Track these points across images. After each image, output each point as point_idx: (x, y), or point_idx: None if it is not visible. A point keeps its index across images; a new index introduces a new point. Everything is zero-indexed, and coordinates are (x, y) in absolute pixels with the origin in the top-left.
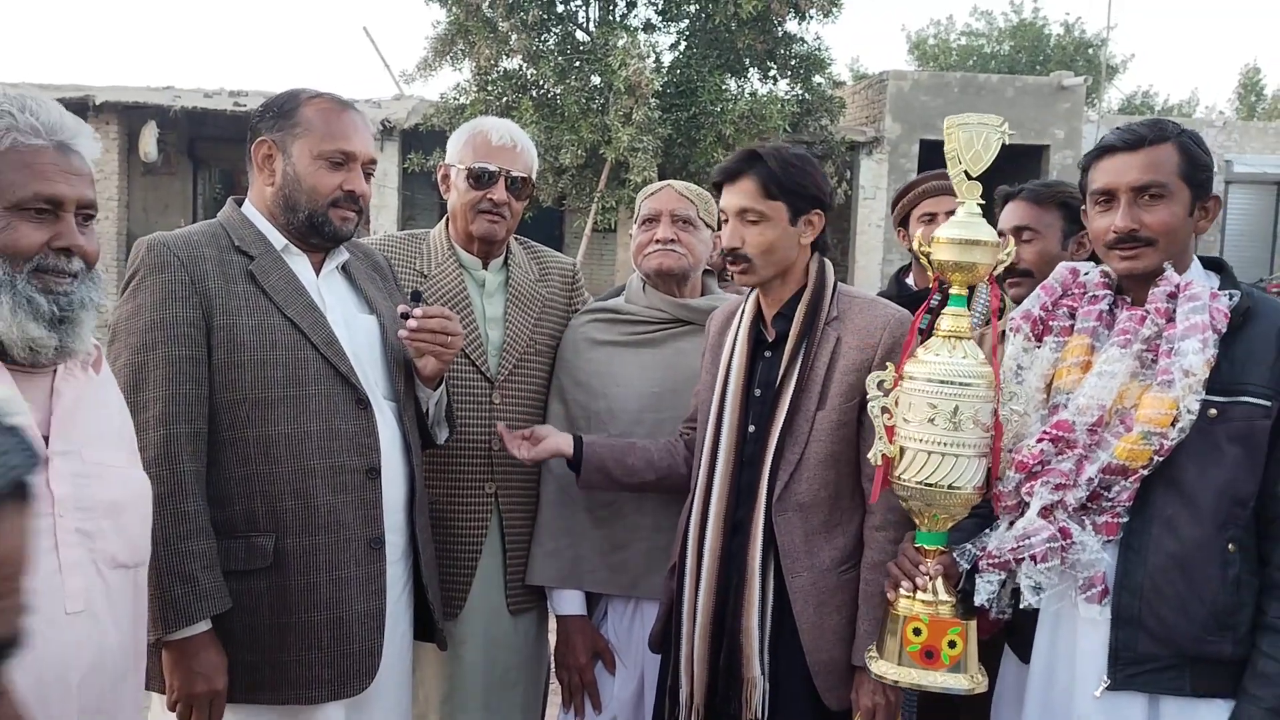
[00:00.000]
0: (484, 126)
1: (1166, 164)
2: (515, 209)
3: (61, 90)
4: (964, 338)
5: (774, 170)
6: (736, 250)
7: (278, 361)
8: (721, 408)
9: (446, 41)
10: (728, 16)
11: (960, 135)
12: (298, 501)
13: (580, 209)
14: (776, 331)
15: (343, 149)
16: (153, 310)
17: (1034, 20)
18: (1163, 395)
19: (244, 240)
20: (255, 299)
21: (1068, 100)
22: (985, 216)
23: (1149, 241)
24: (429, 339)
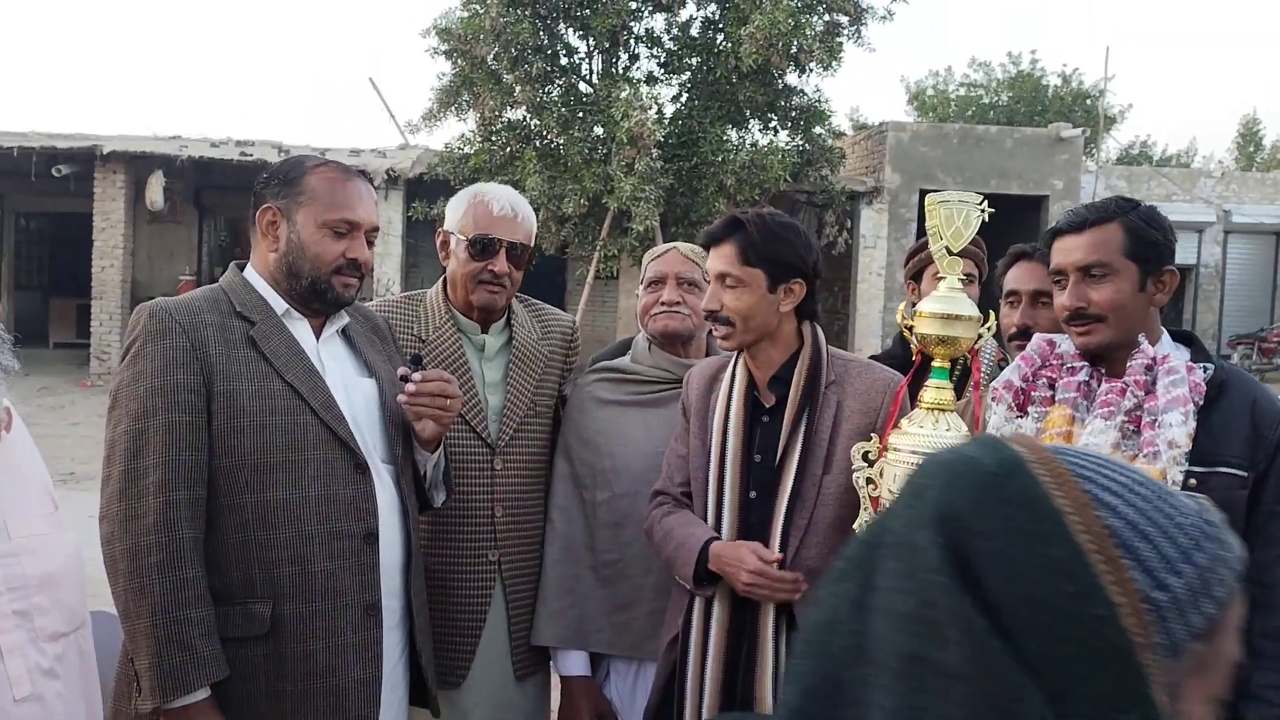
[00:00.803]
0: (485, 196)
1: (1110, 243)
2: (516, 278)
3: (70, 139)
4: (947, 410)
5: (754, 238)
6: (715, 313)
7: (277, 426)
8: (721, 475)
9: (451, 93)
10: (729, 69)
11: (941, 212)
12: (295, 568)
13: (583, 257)
14: (775, 396)
15: (347, 218)
16: (153, 376)
17: (1032, 71)
18: (1149, 467)
19: (245, 305)
20: (255, 364)
21: (1066, 151)
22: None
23: (1098, 318)
24: (428, 402)
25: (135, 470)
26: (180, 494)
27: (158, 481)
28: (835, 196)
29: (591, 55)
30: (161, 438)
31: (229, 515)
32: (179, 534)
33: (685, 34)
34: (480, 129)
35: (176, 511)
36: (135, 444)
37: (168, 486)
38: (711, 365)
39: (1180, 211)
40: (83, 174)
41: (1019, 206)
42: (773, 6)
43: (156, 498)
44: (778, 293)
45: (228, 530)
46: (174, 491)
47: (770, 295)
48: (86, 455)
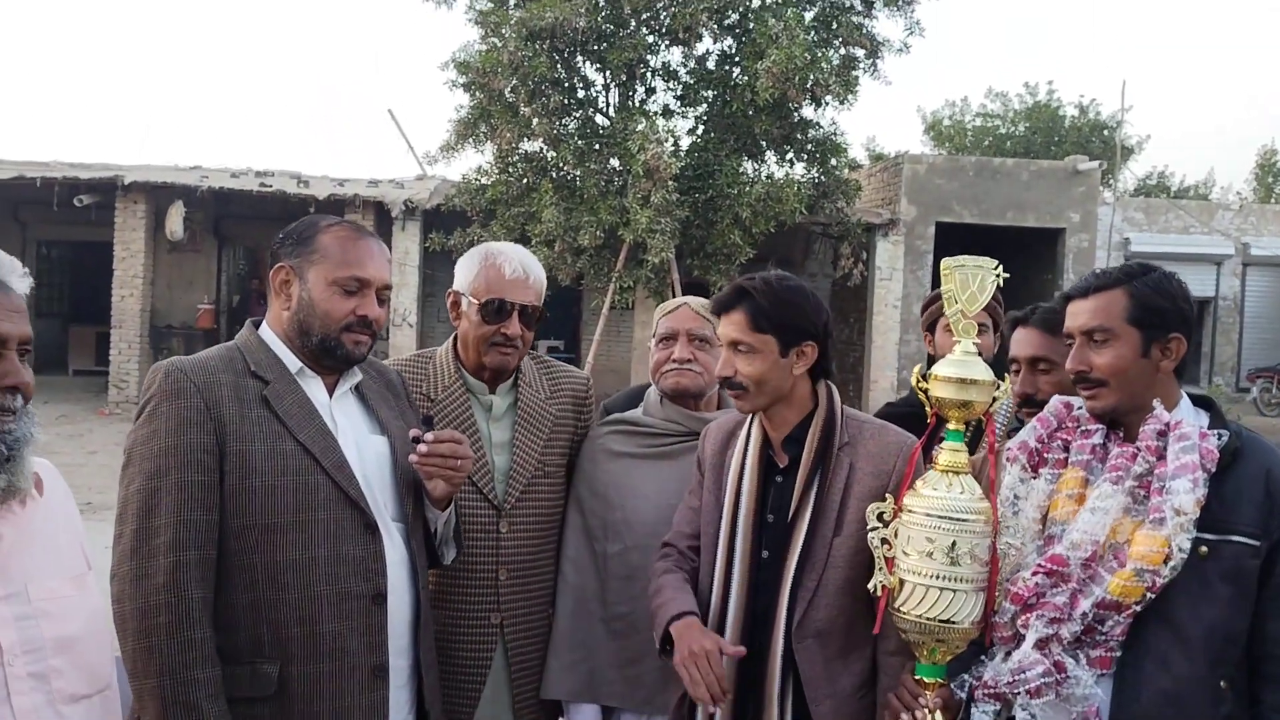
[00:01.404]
0: (497, 258)
1: (1112, 309)
2: (527, 338)
3: (92, 170)
4: (961, 473)
5: (763, 305)
6: (730, 379)
7: (288, 487)
8: (733, 533)
9: (469, 125)
10: (745, 103)
11: (957, 276)
12: (303, 628)
13: (598, 288)
14: (788, 456)
15: (357, 275)
16: (167, 436)
17: (1049, 102)
18: (1155, 533)
19: (259, 364)
20: (268, 424)
21: (1083, 184)
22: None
23: (1100, 382)
24: (439, 463)
25: (147, 529)
26: (190, 554)
27: (169, 541)
28: (851, 228)
29: (608, 88)
30: (174, 497)
31: (239, 575)
32: (188, 594)
33: (701, 68)
34: (497, 161)
35: (186, 572)
36: (148, 503)
37: (178, 546)
38: (729, 422)
39: (1198, 244)
40: (104, 204)
41: (1036, 239)
42: (789, 41)
43: (167, 557)
44: (790, 356)
45: (237, 590)
46: (184, 551)
47: (783, 360)
48: (103, 484)
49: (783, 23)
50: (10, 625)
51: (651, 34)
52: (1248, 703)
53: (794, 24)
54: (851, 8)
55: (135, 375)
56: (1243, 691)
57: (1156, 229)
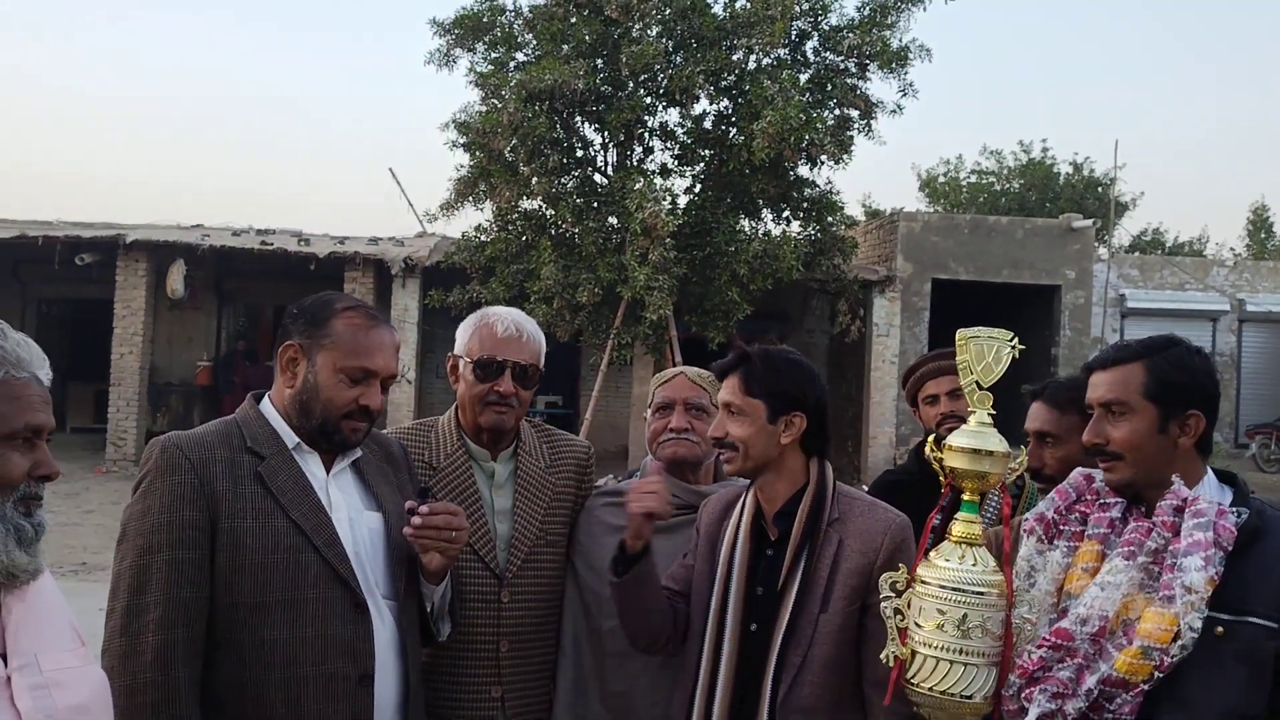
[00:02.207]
0: (490, 318)
1: (1130, 383)
2: (523, 398)
3: (94, 229)
4: (975, 544)
5: (756, 370)
6: (720, 439)
7: (278, 565)
8: (724, 605)
9: (469, 183)
10: (741, 162)
11: (972, 348)
12: (289, 710)
13: (596, 345)
14: (779, 530)
15: (365, 366)
16: (160, 513)
17: (1043, 159)
18: (1164, 610)
19: (256, 440)
20: (262, 500)
21: (1078, 241)
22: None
23: (1116, 455)
24: (434, 535)
25: (137, 606)
26: (178, 632)
27: (158, 619)
28: (848, 285)
29: (606, 148)
30: (164, 575)
31: (227, 652)
32: (175, 673)
33: (698, 128)
34: (497, 219)
35: (174, 650)
36: (139, 579)
37: (167, 625)
38: (730, 494)
39: (1194, 300)
40: (105, 261)
41: (1032, 296)
42: (784, 102)
43: (155, 635)
44: (778, 424)
45: (225, 668)
46: (172, 630)
47: (770, 426)
48: (99, 545)
49: (778, 84)
50: (26, 694)
51: (649, 95)
52: None
53: (789, 85)
54: (845, 70)
55: (134, 433)
56: None
57: (1152, 285)
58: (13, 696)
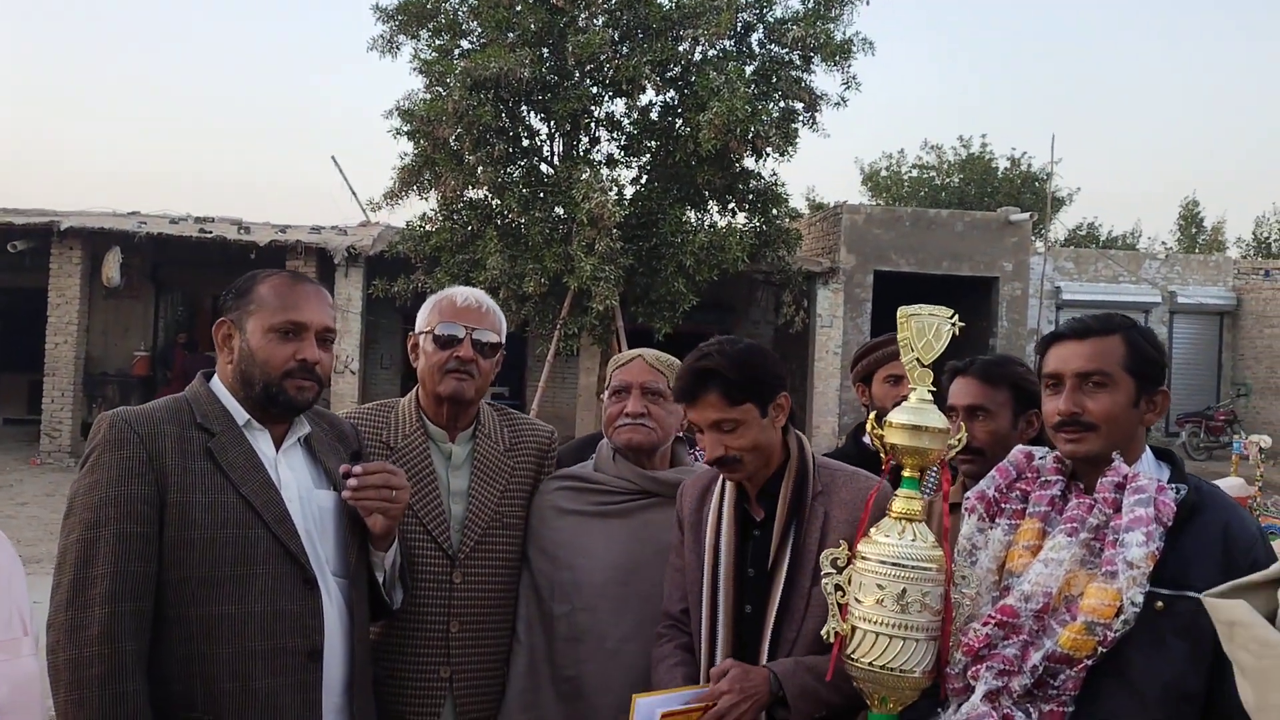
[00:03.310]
0: (450, 292)
1: (1111, 354)
2: (483, 368)
3: (27, 215)
4: (915, 520)
5: (732, 379)
6: (723, 458)
7: (227, 540)
8: (715, 590)
9: (413, 172)
10: (687, 153)
11: (913, 325)
12: (236, 684)
13: (544, 336)
14: (764, 509)
15: (293, 319)
16: (108, 486)
17: (982, 154)
18: (1106, 586)
19: (206, 416)
20: (211, 476)
21: (1015, 234)
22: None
23: (1090, 426)
24: (374, 495)
25: (84, 580)
26: (126, 605)
27: (105, 593)
28: (792, 276)
29: (553, 138)
30: (112, 548)
31: (175, 627)
32: (121, 646)
33: (645, 119)
34: (442, 208)
35: (121, 624)
36: (86, 553)
37: (114, 598)
38: (703, 478)
39: (1127, 292)
40: (39, 249)
41: (970, 287)
42: (730, 94)
43: (102, 609)
44: (770, 414)
45: (173, 643)
46: (120, 603)
47: (764, 420)
48: (33, 537)
49: (724, 76)
50: None
51: (595, 85)
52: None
53: (735, 77)
54: (790, 63)
55: (69, 424)
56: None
57: (1087, 278)
58: None
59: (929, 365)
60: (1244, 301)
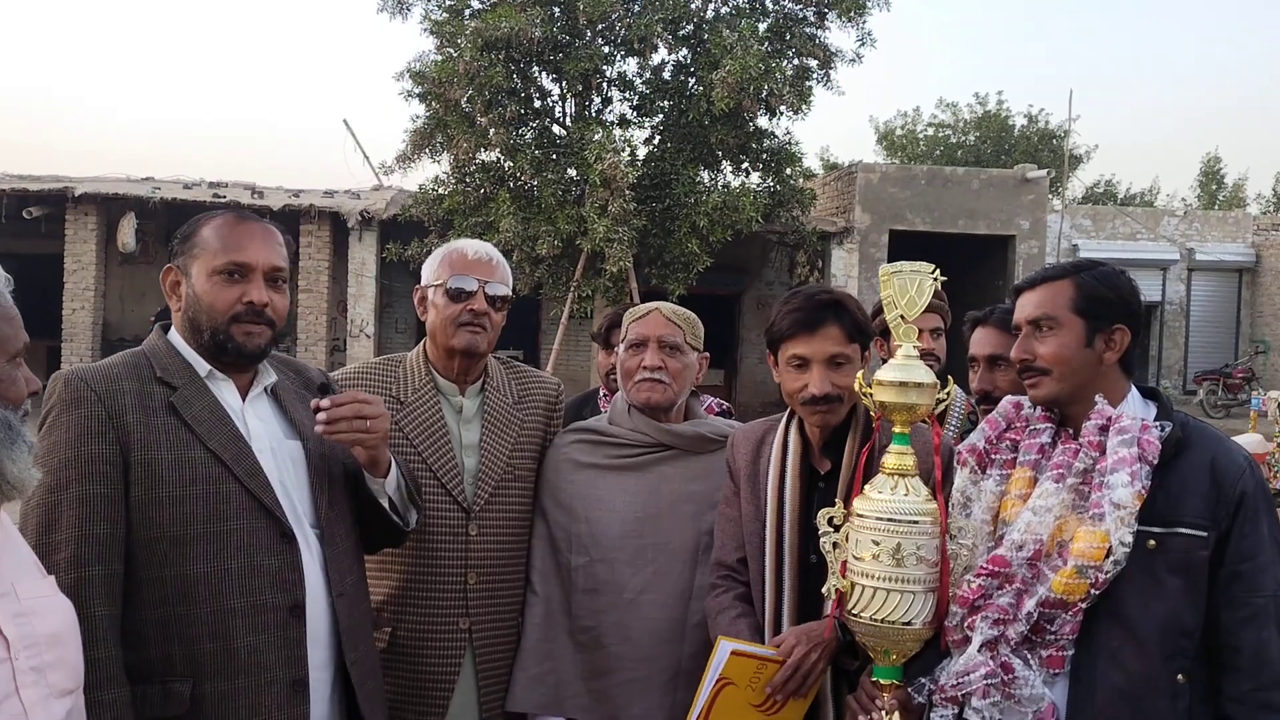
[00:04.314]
0: (459, 245)
1: (1058, 298)
2: (495, 321)
3: (41, 181)
4: (908, 475)
5: (856, 316)
6: (829, 395)
7: (198, 496)
8: (780, 541)
9: (425, 135)
10: (701, 113)
11: (895, 282)
12: (217, 644)
13: (557, 298)
14: (830, 462)
15: (235, 260)
16: (67, 448)
17: (998, 112)
18: (1094, 528)
19: (167, 370)
20: (176, 432)
21: (1032, 192)
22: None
23: (1043, 371)
24: (346, 427)
25: (47, 545)
26: (94, 569)
27: (69, 558)
28: (806, 237)
29: (565, 98)
30: (75, 511)
31: (148, 590)
32: (91, 612)
33: (657, 78)
34: (454, 171)
35: (90, 588)
36: (48, 518)
37: (80, 563)
38: (756, 429)
39: (1145, 250)
40: (54, 216)
41: (986, 246)
42: (743, 52)
43: (69, 574)
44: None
45: (146, 605)
46: (86, 568)
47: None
48: None
49: (737, 34)
50: (10, 621)
51: (607, 45)
52: (1208, 695)
53: (748, 35)
54: (804, 19)
55: None
56: (1202, 684)
57: (1104, 235)
58: (0, 624)
59: (918, 321)
60: (1263, 258)
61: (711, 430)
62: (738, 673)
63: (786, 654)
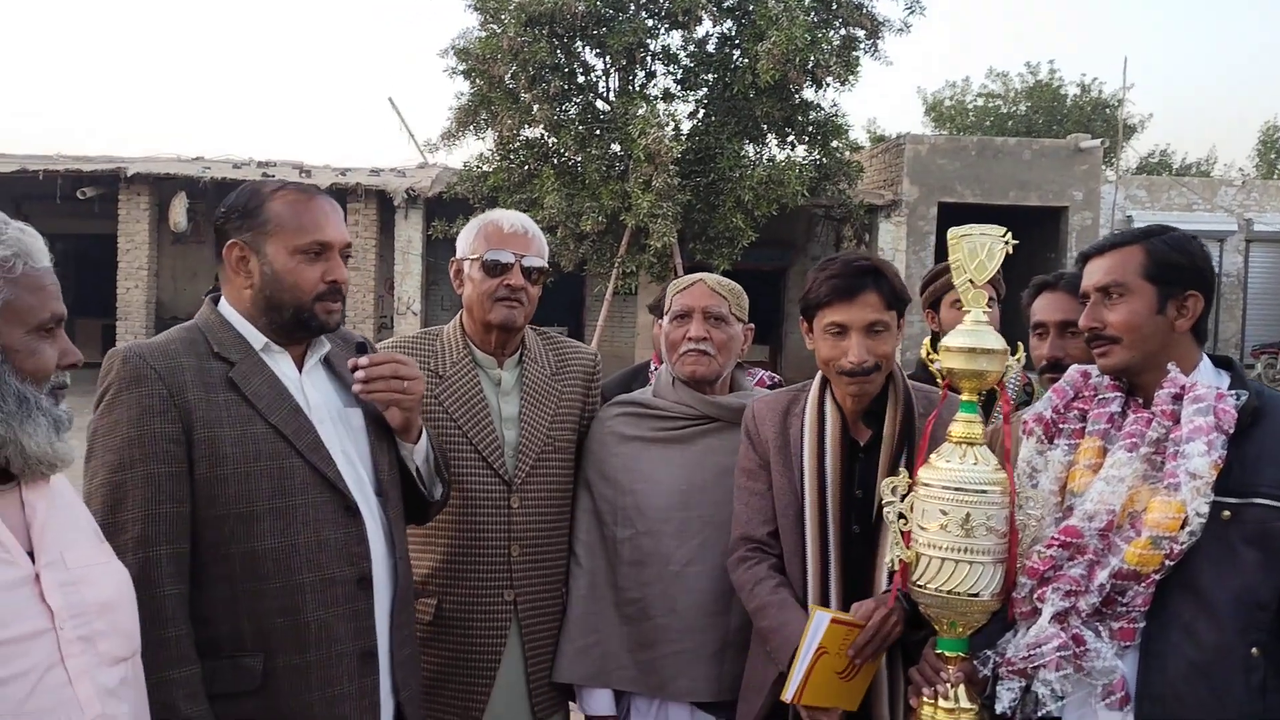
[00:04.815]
0: (494, 217)
1: (1128, 265)
2: (532, 295)
3: (94, 162)
4: (976, 444)
5: (894, 283)
6: (866, 364)
7: (262, 473)
8: (823, 513)
9: (470, 112)
10: (745, 85)
11: (964, 245)
12: (286, 618)
13: (601, 274)
14: (871, 432)
15: (318, 240)
16: (129, 426)
17: (1050, 81)
18: (1170, 499)
19: (222, 344)
20: (237, 407)
21: (1085, 162)
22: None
23: (1113, 339)
24: (383, 386)
25: (115, 525)
26: (162, 549)
27: (138, 537)
28: (853, 210)
29: (608, 73)
30: (140, 491)
31: (216, 567)
32: (160, 591)
33: (702, 51)
34: (498, 148)
35: (158, 568)
36: (113, 497)
37: (148, 542)
38: (780, 399)
39: (1201, 221)
40: (107, 196)
41: (1039, 218)
42: (789, 22)
43: (136, 554)
44: (899, 331)
45: (215, 582)
46: (155, 547)
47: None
48: None
49: (782, 4)
50: (56, 590)
51: (651, 18)
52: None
53: (794, 5)
54: None
55: None
56: (1276, 657)
57: (1159, 206)
58: (43, 593)
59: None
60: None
61: None
62: (832, 640)
63: (867, 618)
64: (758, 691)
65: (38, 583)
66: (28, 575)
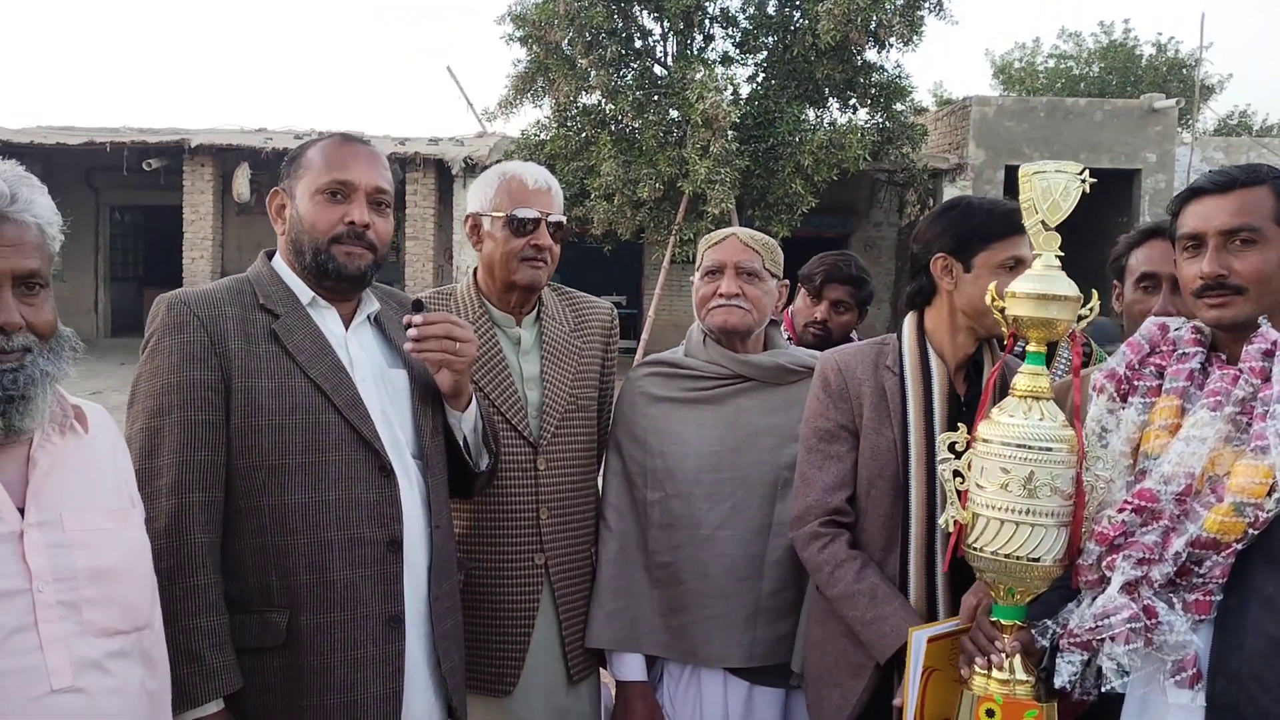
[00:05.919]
0: (515, 170)
1: (1260, 207)
2: (555, 253)
3: (159, 134)
4: (1042, 398)
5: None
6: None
7: (297, 426)
8: (931, 473)
9: (527, 79)
10: (806, 47)
11: (1037, 184)
12: (313, 576)
13: (659, 242)
14: (967, 386)
15: (338, 178)
16: (170, 372)
17: (1125, 41)
18: (1257, 463)
19: (269, 297)
20: (278, 360)
21: (1159, 123)
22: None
23: (1238, 289)
24: (435, 346)
25: (149, 470)
26: (195, 496)
27: (171, 483)
28: (917, 175)
29: (666, 37)
30: (176, 437)
31: (247, 519)
32: (191, 538)
33: (761, 12)
34: (555, 115)
35: (190, 515)
36: (150, 442)
37: (181, 489)
38: (866, 352)
39: None
40: (172, 167)
41: (1110, 181)
42: None
43: (169, 500)
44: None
45: (245, 534)
46: (188, 494)
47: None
48: None
49: None
50: (41, 551)
51: None
52: None
53: None
54: None
55: None
56: None
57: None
58: (24, 552)
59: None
60: None
61: (791, 361)
62: (937, 657)
63: (970, 617)
64: (853, 673)
65: (20, 541)
66: (11, 532)
